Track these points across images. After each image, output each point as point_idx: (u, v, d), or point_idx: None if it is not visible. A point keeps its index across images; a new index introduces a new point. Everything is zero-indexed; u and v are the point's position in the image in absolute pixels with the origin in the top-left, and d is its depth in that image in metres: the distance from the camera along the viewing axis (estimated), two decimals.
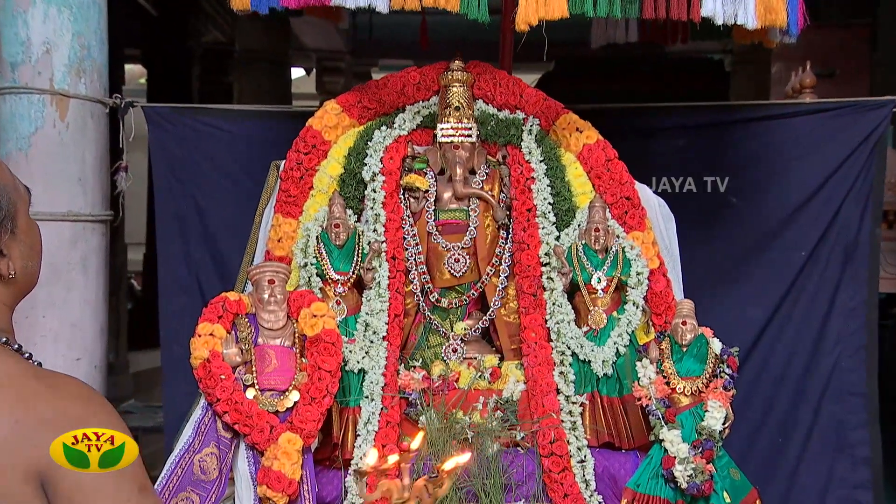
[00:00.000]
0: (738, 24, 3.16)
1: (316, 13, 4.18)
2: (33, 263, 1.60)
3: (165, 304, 4.40)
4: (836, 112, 4.38)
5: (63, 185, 3.75)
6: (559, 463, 3.25)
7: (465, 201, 3.64)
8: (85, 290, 3.83)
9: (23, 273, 1.57)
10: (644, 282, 3.50)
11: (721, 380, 3.29)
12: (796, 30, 3.27)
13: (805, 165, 4.41)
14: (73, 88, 3.75)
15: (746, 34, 3.36)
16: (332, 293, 3.50)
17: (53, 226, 3.69)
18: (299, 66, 11.80)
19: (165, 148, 4.39)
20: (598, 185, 3.64)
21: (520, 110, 3.74)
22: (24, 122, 3.71)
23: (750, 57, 9.05)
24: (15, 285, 1.56)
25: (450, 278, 3.63)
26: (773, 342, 4.41)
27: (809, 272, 4.38)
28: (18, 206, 1.58)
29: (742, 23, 3.14)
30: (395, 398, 3.36)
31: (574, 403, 3.37)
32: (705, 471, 3.16)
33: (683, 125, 4.54)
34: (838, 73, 7.49)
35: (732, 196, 4.49)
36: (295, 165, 3.64)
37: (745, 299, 4.43)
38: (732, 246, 4.47)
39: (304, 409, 3.15)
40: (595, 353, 3.41)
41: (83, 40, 3.76)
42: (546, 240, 3.55)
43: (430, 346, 3.62)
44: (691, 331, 3.35)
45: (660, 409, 3.26)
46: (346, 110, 3.73)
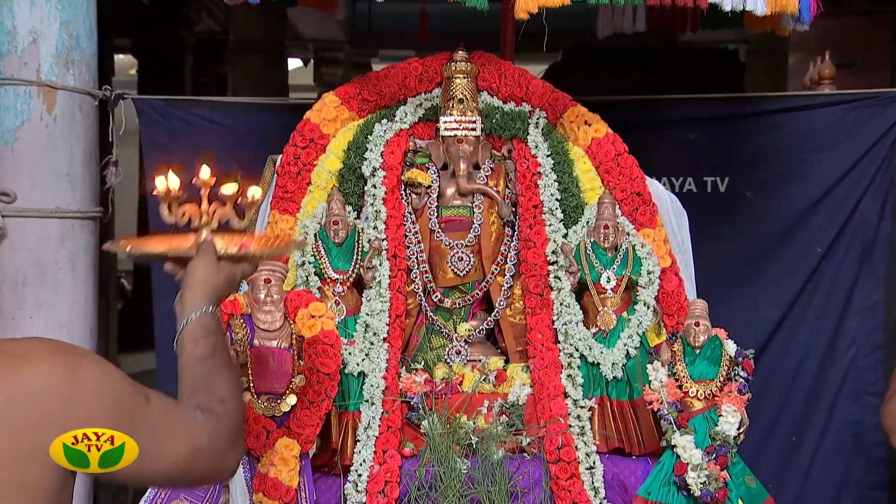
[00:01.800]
0: (748, 11, 3.17)
1: (308, 3, 4.19)
2: None
3: (160, 303, 4.42)
4: (856, 104, 4.40)
5: (50, 180, 3.75)
6: (567, 469, 3.25)
7: (469, 197, 3.64)
8: (73, 290, 3.83)
9: None
10: (655, 281, 3.50)
11: (736, 383, 3.29)
12: (808, 16, 3.28)
13: (823, 159, 4.43)
14: (61, 80, 3.75)
15: (758, 22, 3.37)
16: (331, 293, 3.50)
17: (40, 223, 3.69)
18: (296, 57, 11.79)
19: (157, 141, 4.41)
20: (607, 180, 3.64)
21: (526, 103, 3.75)
22: (9, 115, 3.71)
23: (766, 47, 9.04)
24: None
25: (453, 277, 3.64)
26: (787, 341, 4.45)
27: (825, 270, 4.41)
28: None
29: (751, 9, 3.15)
30: (397, 402, 3.36)
31: (582, 408, 3.37)
32: (719, 478, 3.16)
33: (697, 118, 4.55)
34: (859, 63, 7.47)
35: (747, 190, 4.50)
36: (292, 160, 3.65)
37: (758, 297, 4.46)
38: (746, 243, 4.50)
39: (302, 414, 3.16)
40: (604, 355, 3.41)
41: (71, 30, 3.77)
42: (553, 237, 3.55)
43: (432, 348, 3.62)
44: (704, 332, 3.35)
45: (672, 414, 3.27)
46: (345, 103, 3.74)
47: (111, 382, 1.49)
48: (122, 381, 1.52)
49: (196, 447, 1.59)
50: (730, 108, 4.66)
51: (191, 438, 1.59)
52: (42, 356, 1.44)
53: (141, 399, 1.52)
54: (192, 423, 1.60)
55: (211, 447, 1.61)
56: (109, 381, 1.48)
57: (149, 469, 1.53)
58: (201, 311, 1.79)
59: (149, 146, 4.41)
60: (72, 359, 1.46)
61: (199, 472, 1.64)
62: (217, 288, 1.87)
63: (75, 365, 1.45)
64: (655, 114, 4.60)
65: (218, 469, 1.67)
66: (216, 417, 1.66)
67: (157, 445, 1.53)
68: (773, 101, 4.74)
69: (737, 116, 4.54)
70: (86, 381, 1.44)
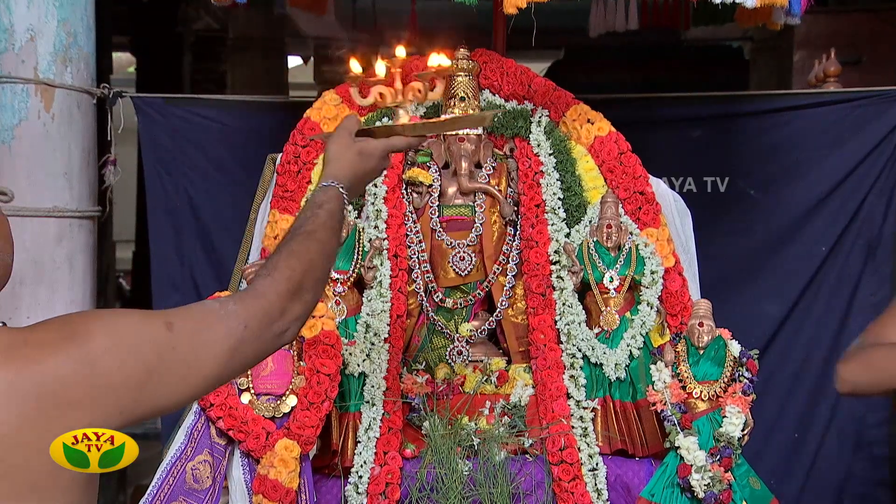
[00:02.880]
0: (738, 5, 3.19)
1: (299, 4, 4.20)
2: (6, 255, 1.63)
3: (159, 302, 4.43)
4: (862, 102, 4.40)
5: (48, 179, 3.76)
6: (569, 471, 3.25)
7: (471, 196, 3.65)
8: (71, 290, 3.84)
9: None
10: (659, 281, 3.50)
11: (740, 384, 3.29)
12: (799, 8, 3.29)
13: (828, 157, 4.44)
14: (59, 78, 3.75)
15: (749, 16, 3.39)
16: (332, 293, 3.50)
17: (38, 222, 3.70)
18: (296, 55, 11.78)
19: (156, 140, 4.41)
20: (610, 179, 3.64)
21: (528, 101, 3.75)
22: (6, 113, 3.71)
23: (771, 44, 9.02)
24: None
25: (454, 277, 3.64)
26: (790, 339, 4.47)
27: (829, 268, 4.42)
28: None
29: (740, 1, 3.17)
30: (398, 403, 3.36)
31: (585, 409, 3.37)
32: (723, 480, 3.16)
33: (700, 116, 4.56)
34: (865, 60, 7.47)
35: (751, 189, 4.51)
36: (292, 159, 3.65)
37: (762, 295, 4.47)
38: (750, 241, 4.51)
39: (302, 415, 3.16)
40: (607, 355, 3.41)
41: (69, 27, 3.77)
42: (556, 237, 3.55)
43: (433, 349, 3.62)
44: (708, 332, 3.35)
45: (675, 415, 3.27)
46: (345, 101, 3.74)
47: (126, 338, 1.50)
48: (136, 327, 1.52)
49: (234, 341, 1.60)
50: (734, 105, 4.66)
51: (226, 337, 1.60)
52: (57, 343, 1.45)
53: (162, 332, 1.53)
54: (223, 319, 1.61)
55: (252, 330, 1.62)
56: (124, 338, 1.50)
57: (197, 383, 1.58)
58: (318, 187, 1.83)
59: (147, 145, 4.41)
60: (83, 335, 1.47)
61: (250, 356, 1.66)
62: (348, 164, 1.87)
63: (87, 339, 1.46)
64: (658, 112, 4.60)
65: (270, 342, 1.68)
66: (254, 295, 1.66)
67: (196, 362, 1.56)
68: (778, 98, 4.74)
69: (741, 114, 4.55)
70: (102, 352, 1.46)
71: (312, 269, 1.73)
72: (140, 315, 1.56)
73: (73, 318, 1.54)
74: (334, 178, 1.85)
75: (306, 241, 1.75)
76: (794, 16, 3.36)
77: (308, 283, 1.71)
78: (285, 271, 1.69)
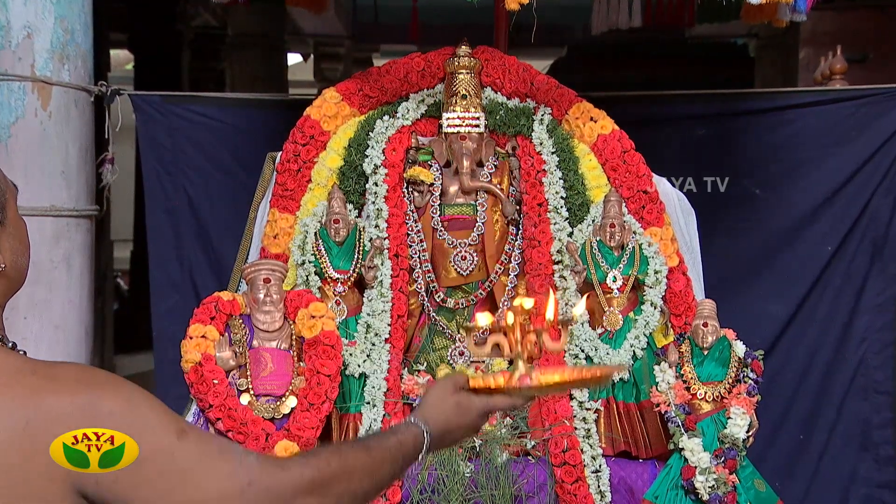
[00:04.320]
0: (743, 1, 3.20)
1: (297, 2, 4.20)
2: (23, 259, 1.62)
3: (157, 303, 4.43)
4: (868, 99, 4.40)
5: (45, 177, 3.76)
6: (572, 473, 3.25)
7: (473, 195, 3.64)
8: (68, 289, 3.84)
9: (13, 268, 1.59)
10: (662, 281, 3.50)
11: (745, 385, 3.29)
12: (805, 5, 3.30)
13: (834, 156, 4.43)
14: (56, 75, 3.75)
15: (754, 13, 3.38)
16: (332, 293, 3.51)
17: (35, 221, 3.69)
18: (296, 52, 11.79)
19: (154, 138, 4.41)
20: (613, 177, 3.64)
21: (530, 99, 3.75)
22: (3, 111, 3.71)
23: (776, 41, 9.03)
24: (5, 281, 1.58)
25: (456, 277, 3.64)
26: (796, 338, 4.47)
27: (835, 267, 4.42)
28: (8, 197, 1.59)
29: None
30: (399, 404, 3.37)
31: (588, 410, 3.37)
32: (728, 482, 3.16)
33: (705, 113, 4.56)
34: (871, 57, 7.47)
35: (756, 187, 4.51)
36: (292, 157, 3.65)
37: (767, 295, 4.47)
38: (755, 240, 4.51)
39: (302, 416, 3.16)
40: (610, 356, 3.41)
41: (66, 24, 3.77)
42: (558, 236, 3.55)
43: (435, 349, 3.62)
44: (713, 333, 3.35)
45: (679, 416, 3.27)
46: (346, 99, 3.74)
47: (134, 417, 1.44)
48: (150, 415, 1.46)
49: (231, 490, 1.49)
50: (739, 103, 4.66)
51: (227, 478, 1.49)
52: (69, 383, 1.44)
53: (170, 435, 1.46)
54: (235, 462, 1.51)
55: (254, 493, 1.50)
56: (132, 416, 1.44)
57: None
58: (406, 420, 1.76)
59: (146, 143, 4.41)
60: (96, 389, 1.45)
61: None
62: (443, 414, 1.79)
63: (98, 396, 1.44)
64: (662, 110, 4.60)
65: None
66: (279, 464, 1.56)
67: (182, 485, 1.46)
68: (784, 96, 4.74)
69: (746, 112, 4.55)
70: (104, 415, 1.42)
71: (349, 477, 1.63)
72: (161, 408, 1.48)
73: (95, 371, 1.50)
74: (424, 421, 1.77)
75: (359, 451, 1.67)
76: (799, 12, 3.36)
77: (336, 489, 1.61)
78: (321, 462, 1.60)
